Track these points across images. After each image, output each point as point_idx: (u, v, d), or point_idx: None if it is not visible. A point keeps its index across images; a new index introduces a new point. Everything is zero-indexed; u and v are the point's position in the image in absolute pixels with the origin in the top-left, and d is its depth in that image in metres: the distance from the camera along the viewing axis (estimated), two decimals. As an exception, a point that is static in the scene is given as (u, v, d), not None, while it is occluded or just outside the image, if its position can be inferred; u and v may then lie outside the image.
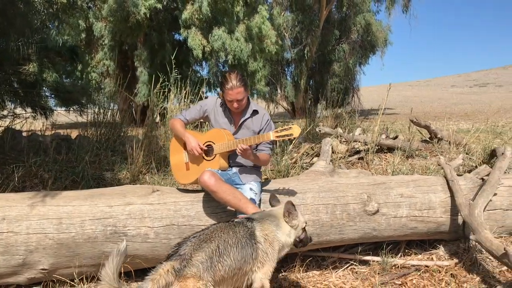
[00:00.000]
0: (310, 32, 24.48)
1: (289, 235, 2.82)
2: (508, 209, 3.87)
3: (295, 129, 3.17)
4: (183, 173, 3.63)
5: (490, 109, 24.71)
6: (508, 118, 17.56)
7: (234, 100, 3.36)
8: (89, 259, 3.29)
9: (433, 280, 3.53)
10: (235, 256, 2.57)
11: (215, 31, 15.54)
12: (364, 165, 5.78)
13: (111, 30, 16.17)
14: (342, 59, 25.36)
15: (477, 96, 34.65)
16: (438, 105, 30.68)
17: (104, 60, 17.83)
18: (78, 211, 3.30)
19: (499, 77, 45.52)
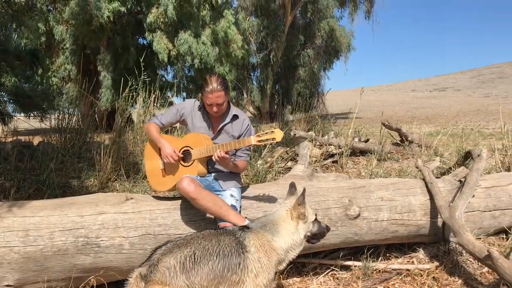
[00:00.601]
0: (275, 37, 24.59)
1: (296, 232, 2.67)
2: (485, 210, 3.89)
3: (277, 133, 3.06)
4: (159, 180, 3.47)
5: (450, 113, 25.42)
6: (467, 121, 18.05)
7: (214, 104, 3.22)
8: (59, 273, 3.08)
9: (415, 284, 3.49)
10: (214, 265, 2.42)
11: (181, 35, 15.35)
12: (338, 169, 5.75)
13: (72, 33, 15.73)
14: (307, 64, 25.58)
15: (437, 100, 35.60)
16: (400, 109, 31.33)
17: (65, 65, 17.34)
18: (47, 222, 3.09)
19: (457, 82, 46.95)
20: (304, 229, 2.71)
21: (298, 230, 2.68)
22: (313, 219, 2.77)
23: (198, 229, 3.24)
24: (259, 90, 26.01)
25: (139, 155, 5.91)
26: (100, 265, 3.12)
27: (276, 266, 2.64)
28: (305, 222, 2.71)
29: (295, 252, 2.71)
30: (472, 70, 52.86)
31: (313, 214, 2.79)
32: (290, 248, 2.67)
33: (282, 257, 2.66)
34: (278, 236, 2.64)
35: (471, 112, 24.70)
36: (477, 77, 47.30)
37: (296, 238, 2.67)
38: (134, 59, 15.74)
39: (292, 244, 2.67)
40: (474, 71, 51.92)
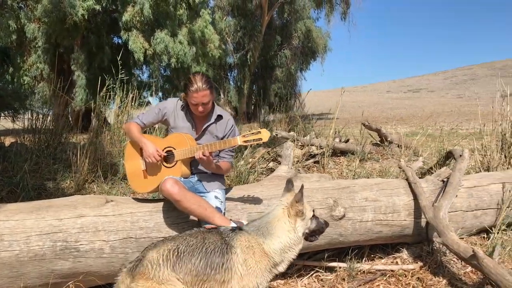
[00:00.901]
0: (252, 37, 24.56)
1: (293, 230, 2.59)
2: (467, 210, 3.91)
3: (264, 133, 3.01)
4: (140, 182, 3.36)
5: (424, 114, 25.80)
6: (440, 122, 18.31)
7: (199, 104, 3.14)
8: (35, 279, 2.95)
9: (400, 284, 3.48)
10: (196, 261, 2.39)
11: (157, 34, 15.17)
12: (320, 169, 5.72)
13: (45, 31, 15.38)
14: (284, 64, 25.63)
15: (411, 101, 36.10)
16: (375, 110, 31.64)
17: (37, 63, 16.95)
18: (23, 226, 2.96)
19: (430, 83, 47.75)
20: (302, 227, 2.63)
21: (296, 228, 2.60)
22: (311, 215, 2.70)
23: (182, 231, 3.13)
24: (236, 90, 25.94)
25: (116, 156, 5.76)
26: (79, 270, 3.01)
27: (268, 270, 2.55)
28: (303, 219, 2.64)
29: (294, 252, 2.63)
30: (445, 72, 53.85)
31: (311, 210, 2.73)
32: (287, 248, 2.58)
33: (278, 259, 2.57)
34: (272, 237, 2.56)
35: (445, 113, 25.13)
36: (450, 79, 48.23)
37: (294, 237, 2.59)
38: (109, 58, 15.50)
39: (290, 243, 2.59)
40: (447, 73, 52.91)
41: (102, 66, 15.56)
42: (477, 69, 50.67)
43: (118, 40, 17.54)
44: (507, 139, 4.98)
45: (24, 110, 12.40)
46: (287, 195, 2.71)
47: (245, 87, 25.39)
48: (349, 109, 31.27)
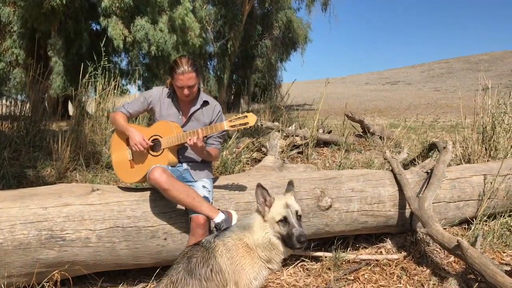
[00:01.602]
0: (233, 26, 24.38)
1: (264, 229, 2.42)
2: (450, 201, 3.97)
3: (251, 117, 2.98)
4: (127, 172, 3.31)
5: (401, 106, 26.07)
6: (418, 115, 18.54)
7: (185, 86, 3.11)
8: (20, 268, 2.90)
9: (384, 274, 3.53)
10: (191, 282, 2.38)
11: (137, 21, 14.90)
12: (304, 159, 5.74)
13: (21, 16, 14.97)
14: (265, 54, 25.55)
15: (389, 93, 36.46)
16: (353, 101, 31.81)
17: (12, 48, 16.48)
18: (7, 214, 2.90)
19: (408, 76, 48.28)
20: (270, 229, 2.42)
21: (265, 228, 2.44)
22: (278, 218, 2.40)
23: (169, 221, 3.14)
24: (216, 80, 25.78)
25: (98, 144, 5.68)
26: (65, 259, 2.97)
27: (258, 264, 2.44)
28: (266, 221, 2.43)
29: (275, 252, 2.43)
30: (422, 65, 54.46)
31: (281, 214, 2.41)
32: (266, 245, 2.42)
33: (262, 255, 2.43)
34: (252, 232, 2.45)
35: (422, 105, 25.44)
36: (427, 72, 48.81)
37: (266, 236, 2.42)
38: (87, 45, 15.21)
39: (265, 242, 2.41)
40: (424, 66, 53.52)
41: (80, 52, 15.25)
42: (453, 62, 51.38)
43: (97, 26, 17.21)
44: (487, 131, 5.07)
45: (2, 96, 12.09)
46: (287, 195, 2.56)
47: (225, 77, 25.25)
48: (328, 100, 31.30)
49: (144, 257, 3.14)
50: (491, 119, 5.08)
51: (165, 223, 3.13)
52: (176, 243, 3.15)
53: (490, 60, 47.29)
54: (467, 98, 6.28)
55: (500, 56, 49.31)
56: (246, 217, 2.66)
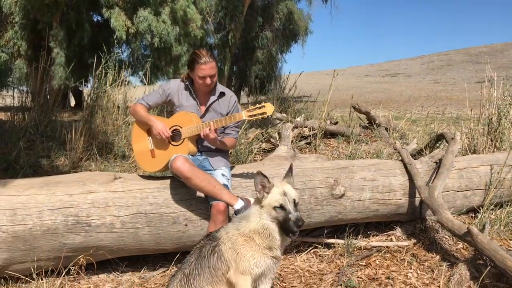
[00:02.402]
0: (233, 17, 24.33)
1: (259, 216, 2.49)
2: (458, 190, 4.09)
3: (268, 107, 3.10)
4: (148, 161, 3.42)
5: (401, 98, 26.15)
6: (418, 107, 18.63)
7: (207, 76, 3.22)
8: (47, 252, 3.02)
9: (395, 260, 3.65)
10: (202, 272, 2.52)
11: (140, 12, 14.92)
12: (312, 150, 5.85)
13: (22, 7, 14.98)
14: (266, 46, 25.52)
15: (389, 85, 36.50)
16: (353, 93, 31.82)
17: (14, 40, 16.52)
18: (35, 200, 3.01)
19: (408, 68, 48.27)
20: (267, 214, 2.47)
21: (261, 213, 2.49)
22: (275, 204, 2.45)
23: (190, 207, 3.25)
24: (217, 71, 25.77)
25: (110, 134, 5.78)
26: (90, 244, 3.08)
27: (259, 251, 2.49)
28: (262, 207, 2.49)
29: (271, 238, 2.48)
30: (422, 57, 54.44)
31: (277, 200, 2.45)
32: (261, 233, 2.48)
33: (263, 242, 2.48)
34: (247, 221, 2.53)
35: (422, 97, 25.53)
36: (427, 64, 48.80)
37: (262, 222, 2.48)
38: (89, 36, 15.24)
39: (260, 229, 2.48)
40: (424, 58, 53.50)
41: (82, 44, 15.29)
42: (453, 55, 51.35)
43: (98, 17, 17.23)
44: (493, 123, 5.19)
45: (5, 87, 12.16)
46: (283, 182, 2.62)
47: (226, 68, 25.21)
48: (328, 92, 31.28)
49: (165, 243, 3.26)
50: (497, 111, 5.19)
51: (185, 209, 3.24)
52: (196, 229, 3.26)
53: (490, 52, 47.30)
54: (467, 90, 6.38)
55: (500, 48, 49.32)
56: (248, 209, 2.71)
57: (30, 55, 17.10)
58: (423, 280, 3.33)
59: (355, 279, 3.34)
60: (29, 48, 16.90)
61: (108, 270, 3.40)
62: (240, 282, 2.47)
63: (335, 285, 3.26)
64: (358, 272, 3.47)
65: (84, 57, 15.64)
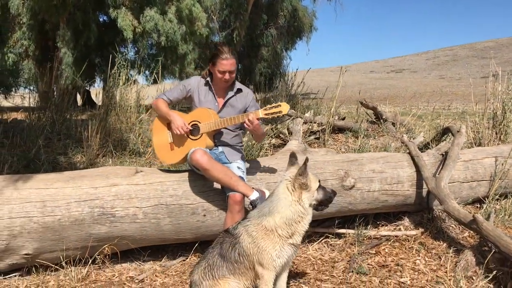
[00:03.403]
0: (238, 15, 24.46)
1: (296, 203, 2.66)
2: (464, 181, 4.24)
3: (284, 106, 3.27)
4: (167, 153, 3.59)
5: (407, 94, 26.22)
6: (423, 102, 18.71)
7: (227, 71, 3.39)
8: (75, 242, 3.20)
9: (404, 248, 3.80)
10: (224, 264, 2.68)
11: (146, 12, 15.09)
12: (321, 145, 6.01)
13: (30, 8, 15.19)
14: (270, 43, 25.65)
15: (394, 81, 36.54)
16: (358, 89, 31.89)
17: (22, 40, 16.76)
18: (62, 193, 3.19)
19: (413, 63, 48.26)
20: (308, 198, 2.68)
21: (300, 200, 2.67)
22: (316, 186, 2.74)
23: (207, 199, 3.42)
24: (222, 69, 25.90)
25: (125, 131, 5.96)
26: (115, 234, 3.26)
27: (279, 243, 2.65)
28: (309, 191, 2.71)
29: (303, 223, 2.70)
30: (427, 52, 54.38)
31: (317, 181, 2.76)
32: (292, 221, 2.66)
33: (283, 233, 2.65)
34: (272, 215, 2.67)
35: (427, 93, 25.57)
36: (432, 59, 48.77)
37: (298, 209, 2.67)
38: (95, 36, 15.43)
39: (294, 216, 2.66)
40: (429, 53, 53.44)
41: (88, 43, 15.49)
42: (458, 50, 51.25)
43: (104, 17, 17.42)
44: (498, 117, 5.33)
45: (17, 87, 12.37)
46: (291, 169, 2.80)
47: (230, 66, 25.38)
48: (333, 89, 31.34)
49: (185, 232, 3.43)
50: (501, 105, 5.33)
51: (204, 201, 3.41)
52: (214, 219, 3.43)
53: (495, 47, 47.17)
54: (473, 85, 6.51)
55: (506, 43, 49.14)
56: (266, 200, 2.84)
57: (38, 55, 17.34)
58: (430, 266, 3.49)
59: (366, 266, 3.49)
60: (36, 48, 17.12)
61: (131, 259, 3.58)
62: (264, 275, 2.65)
63: (347, 272, 3.42)
64: (368, 259, 3.63)
65: (91, 57, 15.87)
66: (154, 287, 3.21)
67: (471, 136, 5.45)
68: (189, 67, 17.49)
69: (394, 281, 3.28)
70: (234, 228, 2.78)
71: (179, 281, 3.28)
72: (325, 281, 3.30)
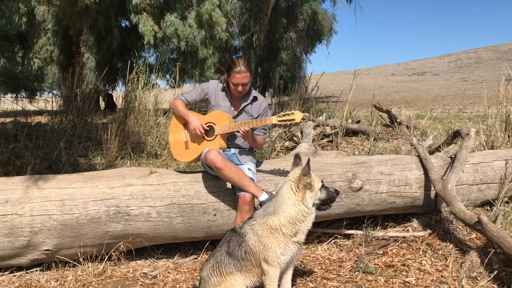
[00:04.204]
0: (258, 19, 24.64)
1: (299, 202, 2.77)
2: (472, 184, 4.28)
3: (297, 115, 3.39)
4: (182, 152, 3.76)
5: (428, 97, 26.00)
6: (445, 105, 18.54)
7: (240, 84, 3.54)
8: (92, 239, 3.37)
9: (411, 249, 3.87)
10: (231, 261, 2.83)
11: (167, 17, 15.38)
12: (334, 148, 6.10)
13: (55, 14, 15.65)
14: (290, 47, 25.75)
15: (415, 84, 36.22)
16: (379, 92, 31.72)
17: (47, 46, 17.21)
18: (80, 192, 3.36)
19: (435, 66, 47.75)
20: (312, 198, 2.80)
21: (304, 199, 2.79)
22: (319, 186, 2.85)
23: (218, 199, 3.56)
24: (242, 73, 26.09)
25: (143, 134, 6.16)
26: (129, 232, 3.42)
27: (284, 241, 2.78)
28: (312, 191, 2.82)
29: (306, 222, 2.82)
30: (450, 55, 53.74)
31: (319, 181, 2.87)
32: (296, 220, 2.78)
33: (287, 231, 2.77)
34: (277, 214, 2.79)
35: (449, 96, 25.33)
36: (455, 62, 48.18)
37: (302, 208, 2.78)
38: (118, 41, 15.78)
39: (298, 215, 2.78)
40: (452, 56, 52.80)
41: (111, 48, 15.85)
42: (482, 52, 50.52)
43: (125, 22, 17.79)
44: (511, 120, 5.34)
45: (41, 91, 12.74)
46: (295, 170, 2.93)
47: (251, 70, 25.56)
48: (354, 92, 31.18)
49: (196, 231, 3.57)
50: (514, 108, 5.36)
51: (214, 201, 3.55)
52: (224, 218, 3.57)
53: (521, 48, 46.40)
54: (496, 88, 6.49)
55: (531, 44, 48.25)
56: (271, 200, 2.96)
57: (62, 60, 17.78)
58: (436, 267, 3.55)
59: (372, 265, 3.58)
60: (60, 53, 17.55)
61: (145, 257, 3.75)
62: (270, 272, 2.78)
63: (353, 271, 3.51)
64: (375, 259, 3.71)
65: (113, 61, 16.23)
66: (166, 283, 3.36)
67: (483, 139, 5.47)
68: (209, 71, 17.74)
69: (399, 281, 3.36)
70: (241, 227, 2.92)
71: (190, 277, 3.42)
72: (331, 280, 3.40)
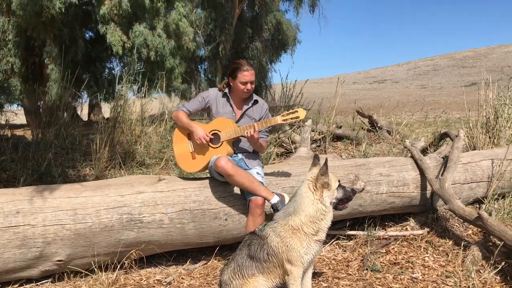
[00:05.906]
0: (223, 29, 24.75)
1: (318, 201, 2.83)
2: (464, 183, 4.48)
3: (301, 112, 3.49)
4: (189, 162, 3.76)
5: (390, 104, 26.69)
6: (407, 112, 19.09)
7: (249, 82, 3.62)
8: (104, 248, 3.33)
9: (412, 247, 4.02)
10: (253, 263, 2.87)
11: (135, 27, 15.21)
12: (322, 152, 6.23)
13: (15, 25, 15.23)
14: (256, 56, 25.94)
15: (377, 92, 37.07)
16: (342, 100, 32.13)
17: (8, 57, 16.69)
18: (91, 201, 3.33)
19: (394, 74, 49.10)
20: (329, 197, 2.85)
21: (322, 198, 2.85)
22: (336, 185, 2.91)
23: (228, 204, 3.60)
24: (208, 83, 26.10)
25: (131, 144, 6.10)
26: (142, 240, 3.41)
27: (306, 240, 2.84)
28: (329, 190, 2.88)
29: (326, 220, 2.89)
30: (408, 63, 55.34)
31: (336, 180, 2.92)
32: (316, 219, 2.84)
33: (309, 230, 2.83)
34: (297, 214, 2.85)
35: (410, 102, 26.06)
36: (413, 69, 49.70)
37: (320, 207, 2.85)
38: (83, 52, 15.50)
39: (317, 214, 2.84)
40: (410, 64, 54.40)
41: (76, 59, 15.53)
42: (438, 60, 52.25)
43: (90, 33, 17.50)
44: (490, 122, 5.62)
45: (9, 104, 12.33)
46: (313, 169, 3.00)
47: (217, 80, 25.55)
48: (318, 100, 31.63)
49: (208, 236, 3.59)
50: (493, 110, 5.63)
51: (225, 205, 3.59)
52: (234, 223, 3.61)
53: (474, 56, 48.33)
54: (454, 94, 6.82)
55: (484, 52, 50.33)
56: (290, 201, 3.03)
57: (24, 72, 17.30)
58: (439, 262, 3.70)
59: (379, 264, 3.69)
60: (22, 65, 17.07)
61: (154, 264, 3.73)
62: (293, 271, 2.83)
63: (361, 270, 3.62)
64: (380, 258, 3.83)
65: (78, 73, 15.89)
66: (181, 289, 3.36)
67: (466, 141, 5.72)
68: (176, 81, 17.65)
69: (407, 277, 3.48)
70: (261, 230, 2.96)
71: (204, 282, 3.43)
72: (342, 279, 3.49)
